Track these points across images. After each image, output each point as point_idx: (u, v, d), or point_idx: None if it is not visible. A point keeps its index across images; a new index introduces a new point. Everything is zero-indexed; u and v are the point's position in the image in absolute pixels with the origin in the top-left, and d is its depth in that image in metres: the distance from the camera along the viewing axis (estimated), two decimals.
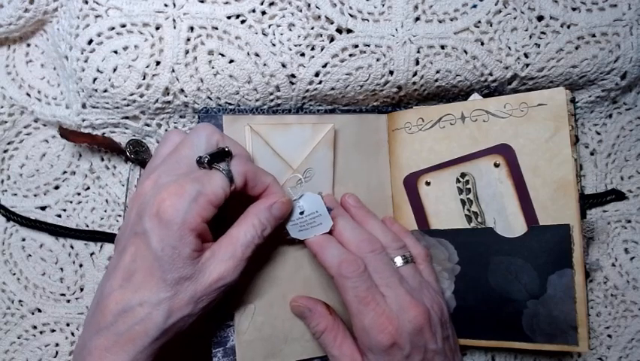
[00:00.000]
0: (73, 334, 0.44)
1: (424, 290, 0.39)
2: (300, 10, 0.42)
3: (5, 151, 0.45)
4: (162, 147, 0.37)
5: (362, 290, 0.37)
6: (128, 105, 0.41)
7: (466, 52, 0.43)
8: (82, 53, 0.40)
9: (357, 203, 0.43)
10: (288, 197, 0.38)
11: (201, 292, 0.33)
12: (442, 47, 0.43)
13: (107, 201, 0.44)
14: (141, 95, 0.40)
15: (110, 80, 0.40)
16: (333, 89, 0.43)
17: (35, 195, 0.45)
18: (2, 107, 0.45)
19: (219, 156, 0.35)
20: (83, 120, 0.42)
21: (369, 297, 0.37)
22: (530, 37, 0.43)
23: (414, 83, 0.44)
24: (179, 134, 0.38)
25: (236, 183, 0.35)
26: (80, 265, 0.45)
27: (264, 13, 0.42)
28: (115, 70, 0.40)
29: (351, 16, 0.42)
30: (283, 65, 0.41)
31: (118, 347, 0.32)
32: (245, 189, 0.36)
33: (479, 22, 0.42)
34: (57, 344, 0.44)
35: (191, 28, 0.40)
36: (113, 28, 0.40)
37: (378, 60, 0.42)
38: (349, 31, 0.42)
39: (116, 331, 0.32)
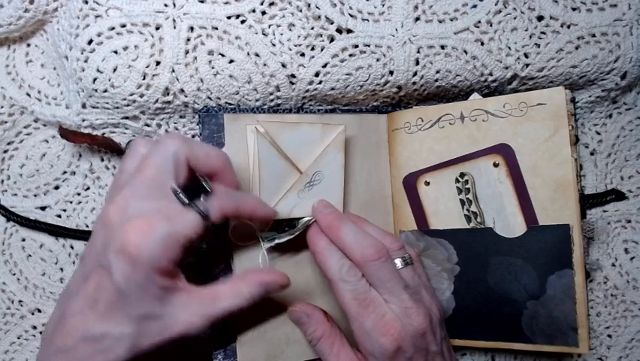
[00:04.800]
0: None
1: (422, 292, 0.39)
2: (300, 10, 0.42)
3: (5, 151, 0.45)
4: (128, 159, 0.35)
5: (361, 293, 0.37)
6: (128, 105, 0.41)
7: (466, 52, 0.43)
8: (82, 53, 0.40)
9: (347, 212, 0.43)
10: (284, 277, 0.37)
11: (166, 337, 0.32)
12: (442, 47, 0.43)
13: None
14: (141, 95, 0.40)
15: (110, 80, 0.40)
16: (333, 89, 0.43)
17: (35, 195, 0.45)
18: (2, 107, 0.45)
19: (196, 191, 0.33)
20: (83, 120, 0.42)
21: (369, 299, 0.37)
22: (530, 37, 0.43)
23: (414, 83, 0.44)
24: (145, 144, 0.35)
25: (213, 219, 0.33)
26: None
27: (264, 13, 0.42)
28: (115, 70, 0.40)
29: (351, 16, 0.42)
30: (283, 65, 0.41)
31: None
32: (227, 219, 0.35)
33: (479, 22, 0.42)
34: None
35: (191, 28, 0.40)
36: (113, 29, 0.40)
37: (378, 60, 0.42)
38: (349, 31, 0.42)
39: (77, 356, 0.31)
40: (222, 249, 0.41)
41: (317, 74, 0.42)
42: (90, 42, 0.40)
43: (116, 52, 0.40)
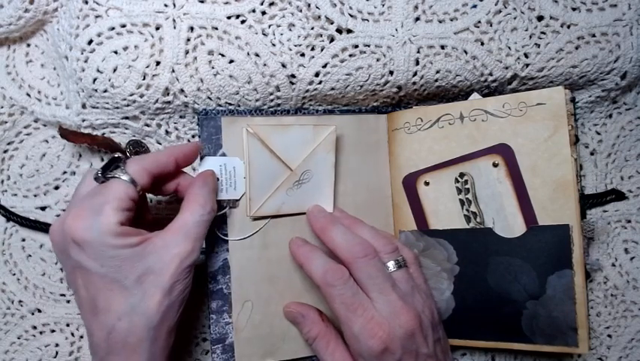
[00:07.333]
0: (73, 334, 0.44)
1: (415, 294, 0.39)
2: (300, 11, 0.42)
3: (5, 151, 0.45)
4: (79, 186, 0.36)
5: (348, 297, 0.37)
6: (128, 105, 0.41)
7: (466, 52, 0.43)
8: (82, 53, 0.40)
9: (343, 212, 0.44)
10: (210, 170, 0.40)
11: (169, 279, 0.34)
12: (442, 47, 0.43)
13: None
14: (141, 96, 0.40)
15: (110, 80, 0.40)
16: (333, 89, 0.43)
17: (35, 196, 0.45)
18: (2, 107, 0.45)
19: (111, 165, 0.35)
20: (83, 120, 0.42)
21: (357, 303, 0.37)
22: (530, 37, 0.43)
23: (414, 83, 0.44)
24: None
25: (140, 182, 0.34)
26: None
27: (264, 13, 0.42)
28: (115, 70, 0.40)
29: (351, 16, 0.42)
30: (283, 65, 0.41)
31: None
32: (159, 179, 0.37)
33: (479, 22, 0.42)
34: (57, 345, 0.44)
35: (191, 29, 0.40)
36: (113, 29, 0.40)
37: (378, 60, 0.42)
38: (349, 31, 0.42)
39: (114, 352, 0.33)
40: (219, 246, 0.41)
41: (317, 74, 0.42)
42: (90, 42, 0.40)
43: (116, 52, 0.40)
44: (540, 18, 0.43)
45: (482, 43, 0.43)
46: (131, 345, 0.33)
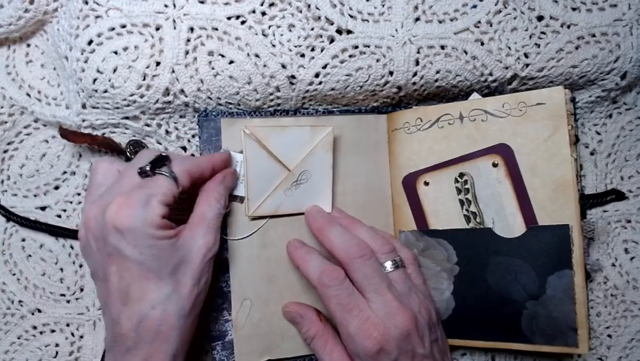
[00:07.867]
0: (73, 334, 0.44)
1: (412, 295, 0.39)
2: (300, 11, 0.42)
3: (5, 151, 0.45)
4: (96, 175, 0.38)
5: (344, 297, 0.37)
6: (128, 106, 0.41)
7: (466, 52, 0.43)
8: (82, 54, 0.40)
9: (342, 213, 0.44)
10: (232, 168, 0.41)
11: (198, 269, 0.35)
12: (442, 47, 0.43)
13: None
14: (141, 96, 0.41)
15: (110, 80, 0.40)
16: (333, 89, 0.43)
17: (35, 196, 0.45)
18: (2, 107, 0.45)
19: (159, 162, 0.36)
20: (83, 121, 0.42)
21: (352, 303, 0.37)
22: (530, 37, 0.43)
23: (414, 84, 0.44)
24: (111, 160, 0.39)
25: (181, 182, 0.36)
26: (80, 266, 0.45)
27: (264, 14, 0.42)
28: (115, 70, 0.40)
29: (351, 16, 0.42)
30: (283, 66, 0.41)
31: (155, 354, 0.34)
32: (197, 183, 0.38)
33: (479, 22, 0.42)
34: (57, 345, 0.44)
35: (191, 29, 0.40)
36: (113, 29, 0.40)
37: (378, 61, 0.42)
38: (349, 32, 0.42)
39: (145, 341, 0.34)
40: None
41: (317, 75, 0.42)
42: (90, 42, 0.40)
43: (116, 52, 0.40)
44: (540, 18, 0.43)
45: (482, 44, 0.43)
46: (162, 334, 0.34)
